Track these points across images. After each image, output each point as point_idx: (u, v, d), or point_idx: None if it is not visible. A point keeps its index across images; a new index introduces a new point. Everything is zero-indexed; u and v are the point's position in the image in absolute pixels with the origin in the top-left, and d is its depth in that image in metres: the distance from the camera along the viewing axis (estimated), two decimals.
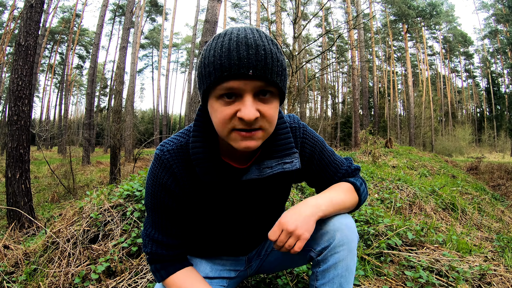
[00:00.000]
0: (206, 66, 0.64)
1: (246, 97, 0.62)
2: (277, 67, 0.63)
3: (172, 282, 0.83)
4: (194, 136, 0.76)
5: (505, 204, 5.10)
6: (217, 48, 0.62)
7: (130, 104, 15.01)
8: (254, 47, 0.60)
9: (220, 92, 0.63)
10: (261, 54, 0.60)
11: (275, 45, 0.66)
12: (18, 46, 3.42)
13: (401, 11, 24.66)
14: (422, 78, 33.51)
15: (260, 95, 0.64)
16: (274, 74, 0.63)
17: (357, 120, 17.13)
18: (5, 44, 21.23)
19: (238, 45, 0.60)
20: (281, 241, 0.75)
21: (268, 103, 0.65)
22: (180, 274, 0.84)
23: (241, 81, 0.61)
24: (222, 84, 0.62)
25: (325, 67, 12.49)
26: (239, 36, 0.62)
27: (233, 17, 31.99)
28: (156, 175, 0.79)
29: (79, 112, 45.98)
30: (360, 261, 1.57)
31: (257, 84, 0.62)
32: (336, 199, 0.83)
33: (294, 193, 2.69)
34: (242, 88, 0.62)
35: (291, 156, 0.79)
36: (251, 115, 0.61)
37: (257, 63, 0.60)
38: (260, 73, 0.60)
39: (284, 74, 0.66)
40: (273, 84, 0.63)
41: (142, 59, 37.32)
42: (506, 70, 32.96)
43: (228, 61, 0.60)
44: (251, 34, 0.63)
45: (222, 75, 0.61)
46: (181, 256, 0.88)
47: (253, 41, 0.61)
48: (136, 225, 1.71)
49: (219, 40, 0.63)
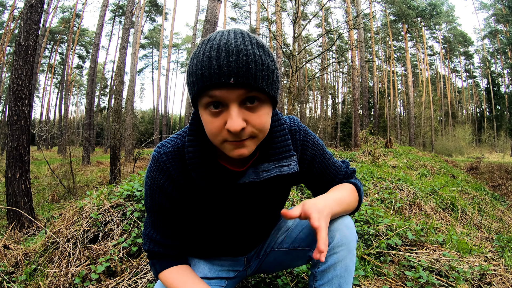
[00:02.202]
0: (190, 75, 0.63)
1: (231, 107, 0.61)
2: (261, 72, 0.60)
3: (165, 276, 0.85)
4: (189, 140, 0.75)
5: (505, 204, 5.10)
6: (199, 56, 0.61)
7: (130, 104, 15.01)
8: (235, 53, 0.58)
9: (206, 100, 0.62)
10: (242, 60, 0.58)
11: (261, 47, 0.63)
12: (18, 46, 3.42)
13: (401, 11, 24.66)
14: (422, 78, 33.51)
15: (247, 103, 0.62)
16: (259, 80, 0.60)
17: (357, 120, 17.13)
18: (5, 44, 21.24)
19: (219, 53, 0.58)
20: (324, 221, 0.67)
21: (257, 111, 0.63)
22: (173, 270, 0.86)
23: (223, 90, 0.59)
24: (206, 93, 0.61)
25: (325, 67, 12.48)
26: (220, 42, 0.60)
27: (233, 17, 32.00)
28: (153, 177, 0.79)
29: (79, 112, 46.05)
30: (360, 261, 1.57)
31: (240, 92, 0.60)
32: (344, 199, 0.83)
33: (294, 193, 2.69)
34: (226, 97, 0.60)
35: (288, 159, 0.77)
36: (237, 126, 0.60)
37: (238, 70, 0.58)
38: (242, 80, 0.58)
39: (272, 78, 0.63)
40: (258, 90, 0.61)
41: (142, 59, 37.36)
42: (506, 70, 32.96)
43: (208, 71, 0.58)
44: (233, 39, 0.60)
45: (204, 85, 0.59)
46: (178, 255, 0.89)
47: (234, 47, 0.59)
48: (136, 225, 1.71)
49: (202, 47, 0.62)
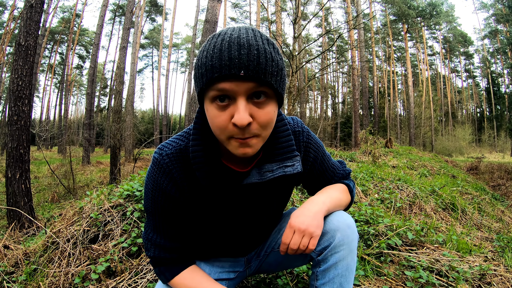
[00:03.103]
0: (199, 67, 0.62)
1: (239, 101, 0.60)
2: (271, 67, 0.60)
3: (178, 281, 0.84)
4: (194, 139, 0.74)
5: (505, 204, 5.10)
6: (209, 49, 0.61)
7: (130, 104, 14.99)
8: (246, 47, 0.58)
9: (213, 94, 0.61)
10: (253, 54, 0.58)
11: (271, 44, 0.64)
12: (18, 46, 3.42)
13: (401, 11, 24.67)
14: (422, 78, 33.51)
15: (254, 98, 0.62)
16: (268, 75, 0.60)
17: (357, 120, 17.13)
18: (5, 44, 21.24)
19: (230, 45, 0.58)
20: (295, 243, 0.74)
21: (263, 107, 0.63)
22: (186, 274, 0.85)
23: (232, 82, 0.59)
24: (214, 85, 0.60)
25: (325, 67, 12.47)
26: (232, 36, 0.60)
27: (233, 17, 32.00)
28: (155, 180, 0.78)
29: (79, 112, 46.05)
30: (360, 261, 1.57)
31: (249, 86, 0.60)
32: (336, 197, 0.88)
33: (294, 193, 2.69)
34: (234, 90, 0.60)
35: (292, 159, 0.77)
36: (244, 120, 0.59)
37: (249, 63, 0.58)
38: (252, 74, 0.58)
39: (280, 75, 0.63)
40: (267, 85, 0.61)
41: (142, 59, 37.38)
42: (506, 70, 32.98)
43: (219, 62, 0.58)
44: (245, 34, 0.61)
45: (213, 76, 0.59)
46: (185, 257, 0.88)
47: (246, 41, 0.59)
48: (136, 225, 1.71)
49: (213, 40, 0.62)
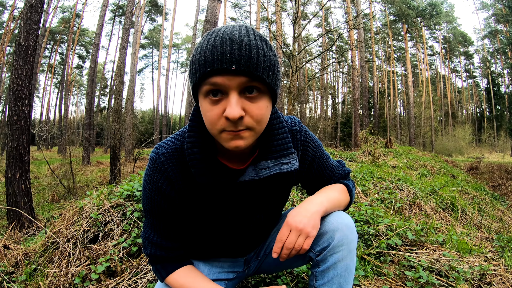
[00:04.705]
0: (193, 63, 0.64)
1: (231, 95, 0.62)
2: (263, 62, 0.61)
3: (173, 279, 0.84)
4: (190, 136, 0.74)
5: (505, 204, 5.10)
6: (203, 45, 0.62)
7: (130, 104, 15.00)
8: (238, 42, 0.60)
9: (206, 88, 0.63)
10: (245, 49, 0.59)
11: (264, 41, 0.65)
12: (18, 46, 3.42)
13: (401, 11, 24.65)
14: (422, 78, 33.50)
15: (246, 93, 0.63)
16: (260, 69, 0.61)
17: (357, 120, 17.13)
18: (5, 44, 21.22)
19: (222, 41, 0.60)
20: (291, 242, 0.74)
21: (255, 101, 0.64)
22: (180, 272, 0.85)
23: (224, 77, 0.60)
24: (207, 80, 0.62)
25: (325, 67, 12.48)
26: (225, 33, 0.62)
27: (233, 17, 31.99)
28: (151, 179, 0.79)
29: (79, 112, 46.05)
30: (360, 261, 1.57)
31: (241, 80, 0.61)
32: (335, 197, 0.88)
33: (294, 193, 2.69)
34: (226, 84, 0.61)
35: (289, 156, 0.77)
36: (235, 113, 0.60)
37: (241, 57, 0.59)
38: (244, 68, 0.59)
39: (273, 70, 0.64)
40: (259, 80, 0.62)
41: (142, 59, 37.40)
42: (506, 70, 32.98)
43: (211, 57, 0.60)
44: (238, 30, 0.62)
45: (206, 70, 0.61)
46: (182, 256, 0.89)
47: (238, 37, 0.60)
48: (136, 225, 1.71)
49: (207, 37, 0.64)
